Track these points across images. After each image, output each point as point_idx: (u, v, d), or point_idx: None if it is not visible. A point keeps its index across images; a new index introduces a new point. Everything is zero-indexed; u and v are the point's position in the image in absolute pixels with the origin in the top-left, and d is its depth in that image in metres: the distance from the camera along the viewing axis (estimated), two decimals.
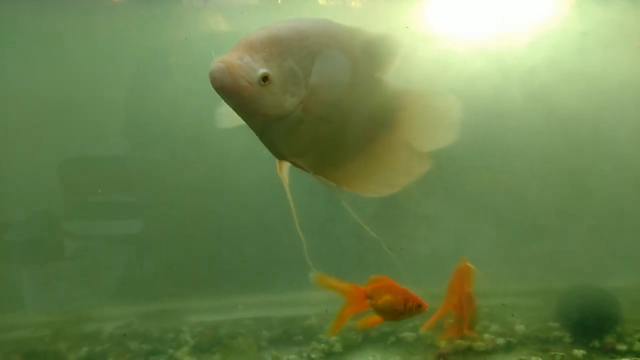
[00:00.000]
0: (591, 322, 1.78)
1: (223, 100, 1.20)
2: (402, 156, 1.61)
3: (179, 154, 2.12)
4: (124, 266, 2.23)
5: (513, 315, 1.88)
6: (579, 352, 1.70)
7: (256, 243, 2.11)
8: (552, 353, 1.72)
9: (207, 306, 2.15)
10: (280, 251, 1.95)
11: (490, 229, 2.06)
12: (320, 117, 1.35)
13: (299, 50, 1.28)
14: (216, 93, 1.16)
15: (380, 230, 2.09)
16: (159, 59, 2.04)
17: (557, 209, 2.03)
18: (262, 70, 1.18)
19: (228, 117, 1.39)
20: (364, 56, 1.52)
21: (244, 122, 1.29)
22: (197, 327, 1.97)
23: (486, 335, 1.81)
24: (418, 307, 1.42)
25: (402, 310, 1.42)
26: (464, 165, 1.92)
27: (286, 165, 1.47)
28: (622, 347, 1.73)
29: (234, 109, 1.25)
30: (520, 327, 1.86)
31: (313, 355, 1.78)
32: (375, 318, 1.50)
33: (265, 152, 1.38)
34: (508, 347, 1.78)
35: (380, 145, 1.61)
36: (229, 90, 1.17)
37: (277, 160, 1.44)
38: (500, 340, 1.79)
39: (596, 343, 1.75)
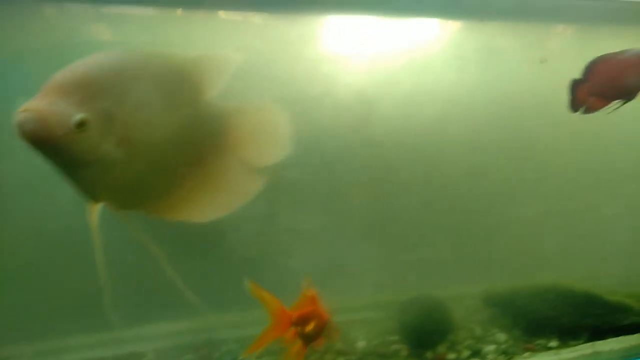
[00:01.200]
0: (424, 333, 1.82)
1: None
2: (235, 176, 1.55)
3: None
4: None
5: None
6: None
7: (87, 278, 1.92)
8: None
9: (34, 351, 1.91)
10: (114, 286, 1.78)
11: (357, 242, 2.05)
12: (139, 152, 1.25)
13: (111, 88, 1.19)
14: None
15: (259, 247, 2.01)
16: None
17: (418, 220, 2.06)
18: (78, 116, 1.07)
19: None
20: (185, 80, 1.44)
21: None
22: None
23: (327, 357, 1.79)
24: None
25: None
26: (336, 178, 1.91)
27: (98, 207, 1.34)
28: (452, 355, 1.78)
29: (44, 157, 1.12)
30: (361, 343, 1.86)
31: None
32: (299, 349, 1.37)
33: None
34: None
35: (211, 167, 1.53)
36: (43, 141, 1.04)
37: (89, 204, 1.31)
38: (340, 359, 1.78)
39: (429, 354, 1.79)
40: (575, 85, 1.60)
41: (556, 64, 1.66)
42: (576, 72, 1.53)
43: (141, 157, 1.26)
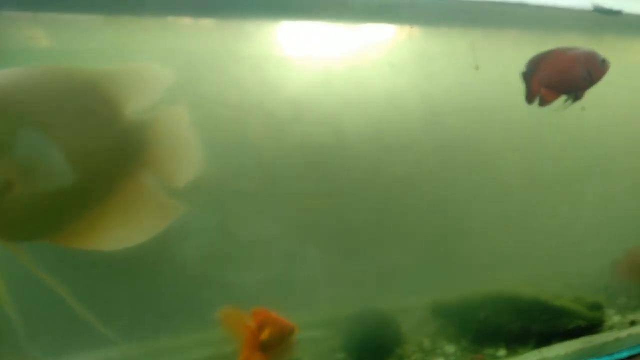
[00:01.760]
0: (371, 349, 1.76)
1: None
2: (153, 196, 1.43)
3: None
4: None
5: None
6: None
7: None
8: None
9: None
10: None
11: (303, 256, 1.97)
12: (35, 185, 1.11)
13: None
14: None
15: (211, 261, 1.90)
16: None
17: (364, 233, 1.99)
18: None
19: None
20: (96, 97, 1.31)
21: None
22: None
23: None
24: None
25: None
26: (290, 189, 1.82)
27: None
28: None
29: None
30: None
31: None
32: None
33: None
34: None
35: (126, 188, 1.40)
36: None
37: None
38: None
39: None
40: (527, 77, 1.59)
41: (491, 70, 1.65)
42: (510, 78, 1.51)
43: (38, 189, 1.13)
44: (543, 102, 1.59)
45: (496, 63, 1.64)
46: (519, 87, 1.64)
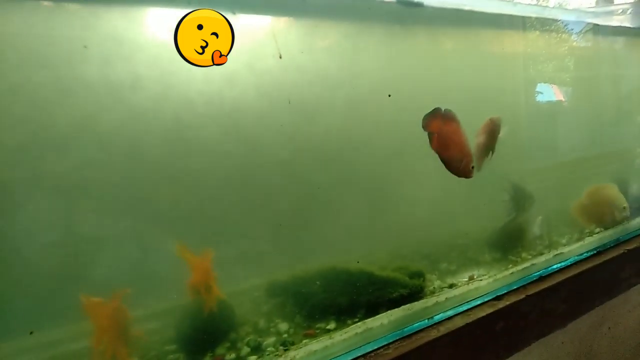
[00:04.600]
0: (202, 337, 1.73)
1: None
2: None
3: None
4: None
5: None
6: None
7: None
8: None
9: None
10: None
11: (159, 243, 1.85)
12: None
13: None
14: None
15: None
16: None
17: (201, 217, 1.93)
18: None
19: None
20: None
21: None
22: None
23: None
24: None
25: None
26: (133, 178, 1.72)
27: None
28: (232, 355, 1.72)
29: None
30: None
31: None
32: None
33: None
34: None
35: None
36: None
37: None
38: None
39: (208, 357, 1.71)
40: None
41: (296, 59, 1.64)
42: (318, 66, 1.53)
43: None
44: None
45: (302, 52, 1.63)
46: (328, 76, 1.66)
